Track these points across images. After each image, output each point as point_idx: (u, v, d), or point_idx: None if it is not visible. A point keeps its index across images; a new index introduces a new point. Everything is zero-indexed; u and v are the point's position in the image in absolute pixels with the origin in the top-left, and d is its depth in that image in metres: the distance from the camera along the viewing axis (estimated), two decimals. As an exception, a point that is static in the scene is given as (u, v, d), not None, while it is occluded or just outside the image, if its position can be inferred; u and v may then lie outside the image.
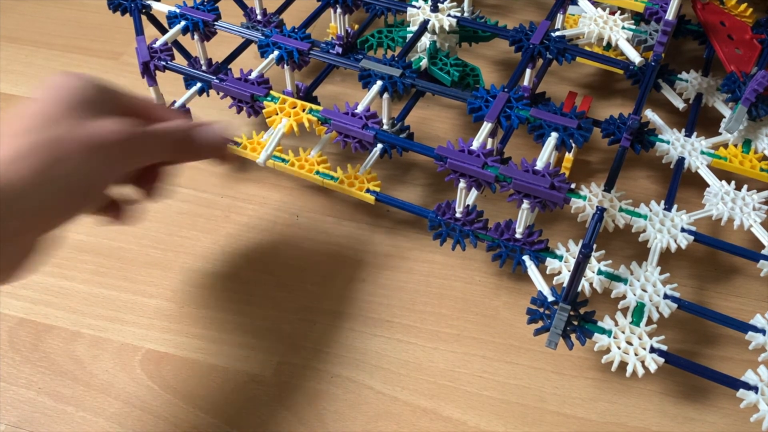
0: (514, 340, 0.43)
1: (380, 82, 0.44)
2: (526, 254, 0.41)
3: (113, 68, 0.63)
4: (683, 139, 0.48)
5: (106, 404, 0.40)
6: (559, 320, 0.37)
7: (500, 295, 0.45)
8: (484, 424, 0.39)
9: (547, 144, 0.40)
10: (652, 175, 0.52)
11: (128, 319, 0.44)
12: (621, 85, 0.60)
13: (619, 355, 0.36)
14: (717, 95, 0.52)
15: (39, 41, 0.67)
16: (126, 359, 0.42)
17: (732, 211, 0.43)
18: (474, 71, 0.53)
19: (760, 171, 0.46)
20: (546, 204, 0.38)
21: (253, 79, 0.45)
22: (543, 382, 0.41)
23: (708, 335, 0.42)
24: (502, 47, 0.63)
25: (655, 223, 0.42)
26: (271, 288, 0.45)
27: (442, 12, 0.52)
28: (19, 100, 0.60)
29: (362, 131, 0.42)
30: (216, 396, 0.40)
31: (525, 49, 0.47)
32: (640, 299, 0.38)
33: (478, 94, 0.42)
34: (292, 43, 0.46)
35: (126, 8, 0.51)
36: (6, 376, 0.41)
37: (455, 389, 0.40)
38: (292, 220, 0.50)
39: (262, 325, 0.43)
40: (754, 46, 0.51)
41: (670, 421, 0.39)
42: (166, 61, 0.46)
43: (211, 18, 0.48)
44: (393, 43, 0.56)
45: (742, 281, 0.45)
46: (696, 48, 0.60)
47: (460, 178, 0.39)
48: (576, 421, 0.39)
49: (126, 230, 0.48)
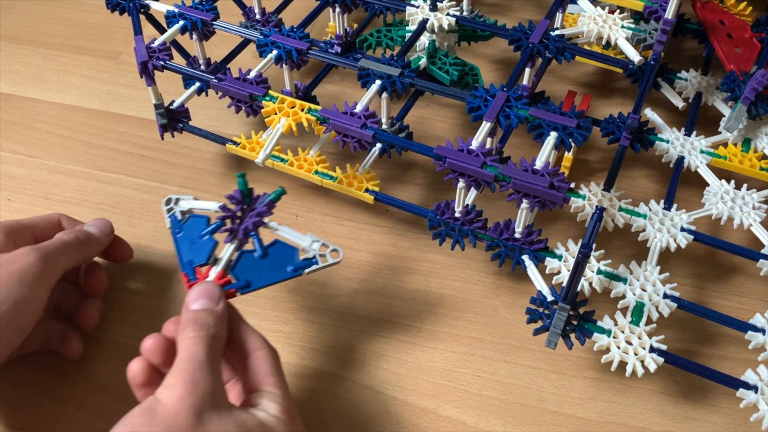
0: (514, 339, 0.43)
1: (379, 82, 0.44)
2: (526, 254, 0.41)
3: (111, 68, 0.63)
4: (683, 138, 0.48)
5: (106, 404, 0.40)
6: (558, 320, 0.37)
7: (500, 294, 0.45)
8: (484, 424, 0.39)
9: (547, 143, 0.39)
10: (651, 174, 0.52)
11: (128, 319, 0.44)
12: (620, 84, 0.60)
13: (619, 354, 0.36)
14: (716, 94, 0.52)
15: (38, 41, 0.67)
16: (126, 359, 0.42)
17: (732, 210, 0.43)
18: (473, 70, 0.53)
19: (759, 170, 0.46)
20: (545, 203, 0.37)
21: (251, 79, 0.44)
22: (542, 382, 0.41)
23: (708, 335, 0.42)
24: (502, 46, 0.63)
25: (654, 222, 0.42)
26: (270, 288, 0.45)
27: (441, 11, 0.52)
28: (18, 99, 0.60)
29: (361, 131, 0.42)
30: (215, 396, 0.40)
31: (524, 48, 0.47)
32: (640, 299, 0.38)
33: (477, 94, 0.42)
34: (291, 42, 0.46)
35: (124, 8, 0.51)
36: (5, 377, 0.41)
37: (455, 389, 0.40)
38: (291, 219, 0.50)
39: (262, 324, 0.43)
40: (754, 44, 0.51)
41: (670, 420, 0.39)
42: (165, 61, 0.46)
43: (210, 17, 0.48)
44: (392, 43, 0.56)
45: (741, 280, 0.45)
46: (695, 47, 0.60)
47: (459, 177, 0.39)
48: (576, 420, 0.39)
49: (125, 229, 0.48)
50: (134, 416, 0.29)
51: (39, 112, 0.59)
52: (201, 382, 0.30)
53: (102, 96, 0.60)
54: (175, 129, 0.50)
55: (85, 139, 0.56)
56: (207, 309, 0.34)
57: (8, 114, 0.59)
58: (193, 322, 0.33)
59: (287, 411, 0.32)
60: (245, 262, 0.37)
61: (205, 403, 0.29)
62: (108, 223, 0.43)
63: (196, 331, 0.32)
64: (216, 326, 0.33)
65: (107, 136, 0.56)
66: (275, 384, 0.33)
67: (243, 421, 0.30)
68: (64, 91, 0.61)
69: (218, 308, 0.34)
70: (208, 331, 0.33)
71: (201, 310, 0.34)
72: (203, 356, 0.31)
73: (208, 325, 0.33)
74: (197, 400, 0.29)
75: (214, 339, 0.32)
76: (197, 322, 0.33)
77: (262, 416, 0.31)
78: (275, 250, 0.37)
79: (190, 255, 0.37)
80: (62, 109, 0.59)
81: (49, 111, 0.59)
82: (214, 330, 0.33)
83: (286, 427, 0.31)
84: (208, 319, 0.33)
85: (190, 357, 0.31)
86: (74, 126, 0.58)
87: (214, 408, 0.30)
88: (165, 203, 0.41)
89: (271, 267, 0.37)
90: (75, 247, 0.40)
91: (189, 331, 0.32)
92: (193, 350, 0.31)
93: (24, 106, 0.60)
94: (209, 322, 0.33)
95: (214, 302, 0.34)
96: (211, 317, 0.33)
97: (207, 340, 0.32)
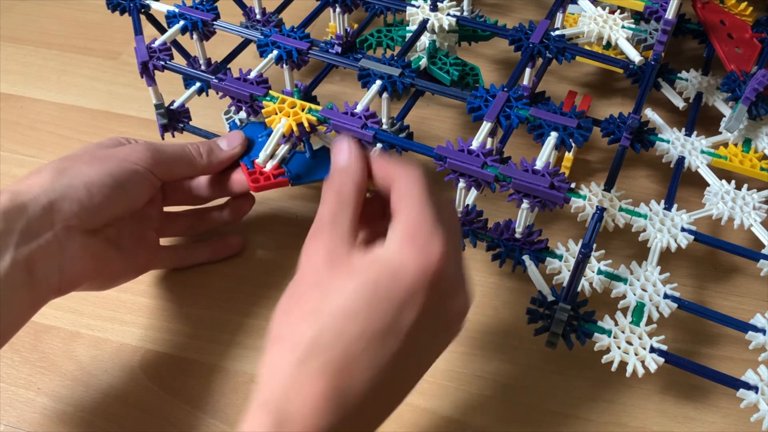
0: (514, 339, 0.42)
1: (379, 82, 0.44)
2: (526, 254, 0.41)
3: (112, 68, 0.63)
4: (683, 138, 0.48)
5: (105, 404, 0.40)
6: (558, 320, 0.37)
7: (500, 294, 0.45)
8: (484, 424, 0.39)
9: (547, 143, 0.39)
10: (652, 175, 0.52)
11: (128, 319, 0.44)
12: (621, 84, 0.60)
13: (619, 354, 0.36)
14: (717, 94, 0.52)
15: (38, 41, 0.67)
16: (125, 359, 0.42)
17: (732, 210, 0.43)
18: (473, 70, 0.53)
19: (760, 170, 0.46)
20: (546, 204, 0.37)
21: (252, 79, 0.44)
22: (543, 382, 0.41)
23: (708, 335, 0.42)
24: (502, 46, 0.63)
25: (655, 222, 0.42)
26: (271, 288, 0.45)
27: (441, 11, 0.52)
28: (18, 99, 0.60)
29: (361, 131, 0.41)
30: (216, 396, 0.40)
31: (524, 49, 0.47)
32: (640, 299, 0.38)
33: (478, 94, 0.42)
34: (291, 42, 0.46)
35: (125, 8, 0.51)
36: (5, 377, 0.41)
37: (455, 389, 0.40)
38: (291, 219, 0.50)
39: (262, 324, 0.43)
40: (754, 45, 0.51)
41: (670, 421, 0.39)
42: (165, 61, 0.46)
43: (210, 17, 0.48)
44: (392, 43, 0.56)
45: (742, 280, 0.45)
46: (696, 47, 0.60)
47: (460, 177, 0.39)
48: (576, 420, 0.39)
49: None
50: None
51: (39, 112, 0.59)
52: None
53: (102, 96, 0.60)
54: (175, 129, 0.50)
55: (86, 139, 0.56)
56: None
57: (8, 114, 0.59)
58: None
59: (413, 235, 0.28)
60: (296, 160, 0.44)
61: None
62: (238, 134, 0.44)
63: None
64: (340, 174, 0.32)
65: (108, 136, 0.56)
66: (407, 205, 0.29)
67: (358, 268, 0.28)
68: (65, 91, 0.61)
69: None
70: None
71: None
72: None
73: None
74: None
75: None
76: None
77: (378, 255, 0.28)
78: (321, 153, 0.44)
79: (249, 151, 0.44)
80: (62, 109, 0.59)
81: (49, 111, 0.59)
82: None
83: (415, 254, 0.28)
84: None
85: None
86: (75, 126, 0.58)
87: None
88: (225, 113, 0.51)
89: (318, 166, 0.43)
90: (189, 156, 0.42)
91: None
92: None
93: (24, 106, 0.60)
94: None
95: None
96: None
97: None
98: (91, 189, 0.36)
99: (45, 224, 0.35)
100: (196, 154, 0.42)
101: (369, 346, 0.27)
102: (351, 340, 0.27)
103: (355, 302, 0.27)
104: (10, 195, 0.34)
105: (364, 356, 0.27)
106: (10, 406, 0.40)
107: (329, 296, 0.28)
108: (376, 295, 0.27)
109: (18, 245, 0.34)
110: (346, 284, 0.28)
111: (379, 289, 0.27)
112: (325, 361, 0.26)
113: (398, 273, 0.28)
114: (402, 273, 0.28)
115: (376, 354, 0.27)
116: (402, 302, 0.27)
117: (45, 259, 0.35)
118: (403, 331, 0.27)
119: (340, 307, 0.27)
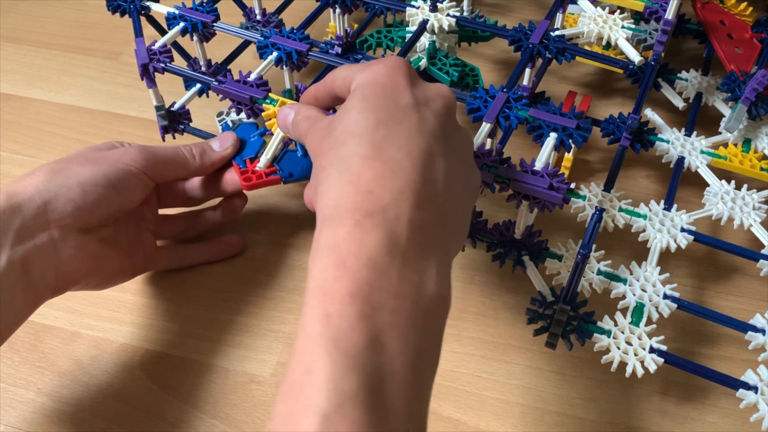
0: (514, 340, 0.43)
1: (379, 82, 0.44)
2: (526, 254, 0.41)
3: (112, 68, 0.63)
4: (683, 139, 0.48)
5: (105, 404, 0.40)
6: (558, 320, 0.37)
7: (500, 295, 0.45)
8: (484, 424, 0.39)
9: (546, 144, 0.39)
10: (651, 175, 0.52)
11: (128, 319, 0.44)
12: (620, 84, 0.60)
13: (619, 355, 0.36)
14: (717, 94, 0.52)
15: (38, 41, 0.67)
16: (125, 359, 0.42)
17: (732, 210, 0.43)
18: (473, 71, 0.53)
19: (760, 170, 0.46)
20: (545, 204, 0.37)
21: (252, 81, 0.44)
22: (543, 382, 0.41)
23: (708, 335, 0.42)
24: (502, 47, 0.63)
25: (654, 222, 0.42)
26: (271, 288, 0.45)
27: (441, 12, 0.52)
28: (18, 99, 0.60)
29: (361, 131, 0.41)
30: (215, 396, 0.40)
31: (524, 49, 0.47)
32: (640, 299, 0.38)
33: (477, 94, 0.42)
34: (291, 44, 0.46)
35: (125, 9, 0.51)
36: (5, 377, 0.41)
37: (455, 389, 0.40)
38: (291, 218, 0.50)
39: (262, 325, 0.43)
40: (754, 45, 0.51)
41: (670, 421, 0.39)
42: (165, 63, 0.46)
43: (210, 19, 0.48)
44: (392, 43, 0.56)
45: (741, 281, 0.45)
46: (696, 47, 0.60)
47: (460, 178, 0.39)
48: (576, 421, 0.39)
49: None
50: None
51: (39, 112, 0.59)
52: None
53: (102, 96, 0.60)
54: (176, 130, 0.50)
55: (86, 139, 0.56)
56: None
57: (8, 114, 0.59)
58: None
59: (367, 64, 0.33)
60: (288, 158, 0.44)
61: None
62: (230, 135, 0.45)
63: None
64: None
65: (108, 136, 0.56)
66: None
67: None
68: (65, 91, 0.61)
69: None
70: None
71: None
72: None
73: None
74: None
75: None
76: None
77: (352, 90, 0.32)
78: None
79: (241, 151, 0.45)
80: (62, 109, 0.59)
81: (49, 111, 0.59)
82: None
83: (376, 63, 0.32)
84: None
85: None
86: (75, 126, 0.58)
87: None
88: (217, 115, 0.50)
89: (309, 164, 0.42)
90: (182, 157, 0.43)
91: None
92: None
93: (24, 106, 0.60)
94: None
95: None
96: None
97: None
98: (85, 189, 0.37)
99: (40, 224, 0.35)
100: (189, 156, 0.43)
101: (390, 123, 0.30)
102: (376, 128, 0.29)
103: (358, 114, 0.30)
104: (5, 196, 0.35)
105: (396, 133, 0.29)
106: (10, 406, 0.40)
107: (338, 128, 0.30)
108: (366, 100, 0.30)
109: (14, 245, 0.34)
110: (344, 116, 0.31)
111: (367, 96, 0.31)
112: (365, 154, 0.29)
113: (373, 77, 0.31)
114: (376, 75, 0.31)
115: (401, 126, 0.30)
116: (391, 90, 0.31)
117: (41, 259, 0.35)
118: (413, 117, 0.30)
119: (350, 120, 0.30)
